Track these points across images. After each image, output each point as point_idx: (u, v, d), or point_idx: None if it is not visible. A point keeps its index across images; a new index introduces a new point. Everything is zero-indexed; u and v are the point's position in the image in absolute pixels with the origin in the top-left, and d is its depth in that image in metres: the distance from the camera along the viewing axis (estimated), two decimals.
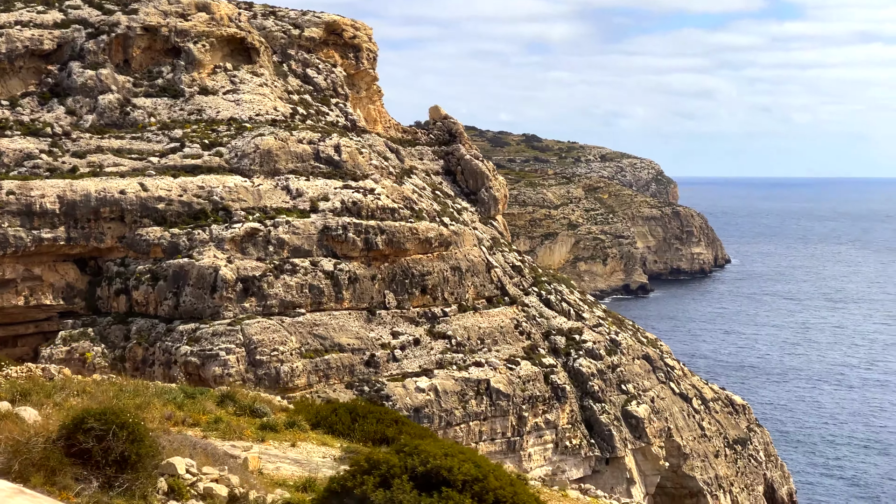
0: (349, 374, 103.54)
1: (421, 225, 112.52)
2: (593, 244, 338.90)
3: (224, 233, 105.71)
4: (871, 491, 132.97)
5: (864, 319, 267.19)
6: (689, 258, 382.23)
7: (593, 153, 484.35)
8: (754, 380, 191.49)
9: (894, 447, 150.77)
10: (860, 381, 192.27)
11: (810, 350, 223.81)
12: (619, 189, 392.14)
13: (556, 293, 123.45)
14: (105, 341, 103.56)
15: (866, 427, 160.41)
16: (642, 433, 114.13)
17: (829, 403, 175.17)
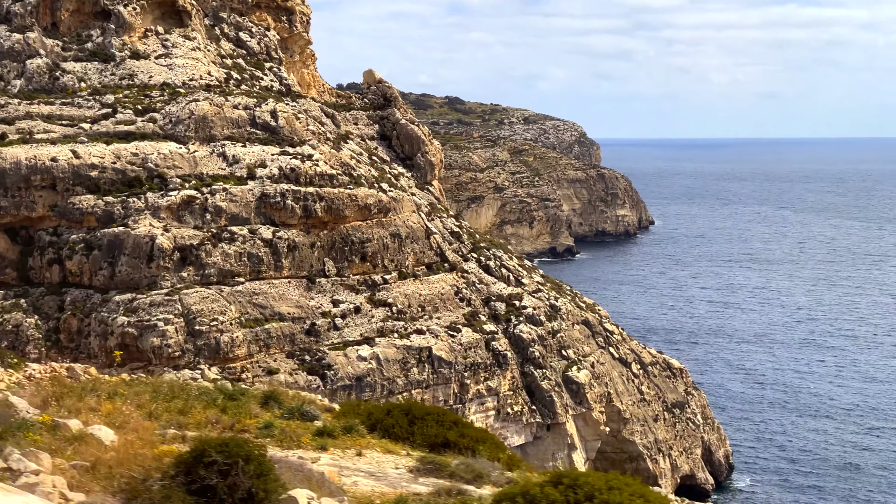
0: (290, 343, 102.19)
1: (360, 191, 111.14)
2: (519, 207, 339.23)
3: (160, 200, 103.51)
4: (798, 450, 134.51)
5: (788, 280, 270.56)
6: (613, 220, 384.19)
7: (516, 115, 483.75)
8: (683, 343, 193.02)
9: (819, 406, 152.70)
10: (786, 342, 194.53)
11: (736, 312, 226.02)
12: (545, 152, 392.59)
13: (495, 259, 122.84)
14: (38, 312, 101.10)
15: (791, 388, 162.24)
16: (583, 399, 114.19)
17: (757, 365, 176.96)
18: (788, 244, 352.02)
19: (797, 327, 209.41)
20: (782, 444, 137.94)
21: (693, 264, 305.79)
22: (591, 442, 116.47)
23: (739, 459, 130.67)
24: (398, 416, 28.74)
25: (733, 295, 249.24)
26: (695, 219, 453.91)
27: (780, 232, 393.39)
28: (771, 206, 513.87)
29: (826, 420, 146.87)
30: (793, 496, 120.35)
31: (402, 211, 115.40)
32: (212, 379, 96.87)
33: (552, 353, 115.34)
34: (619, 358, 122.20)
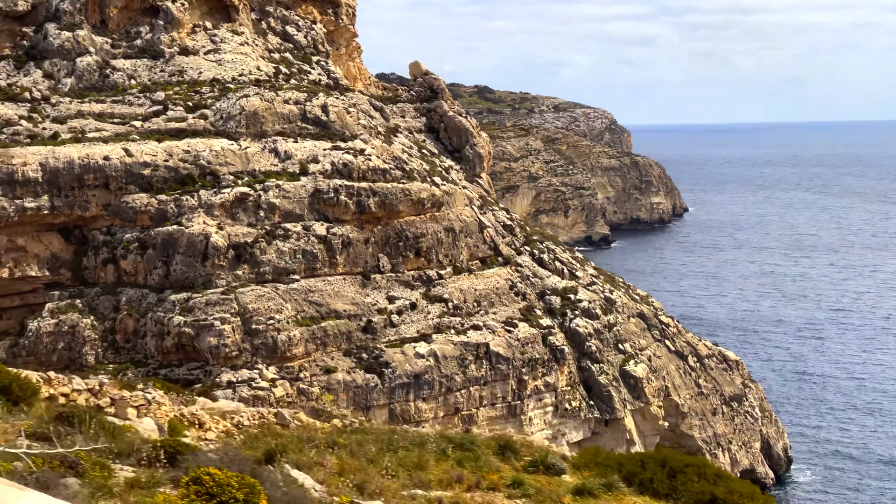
0: (346, 341, 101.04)
1: (413, 186, 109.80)
2: (554, 196, 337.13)
3: (213, 198, 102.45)
4: (856, 443, 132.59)
5: (830, 268, 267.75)
6: (648, 208, 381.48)
7: (546, 103, 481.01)
8: (726, 334, 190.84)
9: (872, 398, 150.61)
10: (834, 332, 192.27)
11: (780, 302, 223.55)
12: (577, 140, 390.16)
13: (548, 252, 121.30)
14: (94, 313, 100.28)
15: (842, 380, 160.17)
16: (641, 393, 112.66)
17: (806, 356, 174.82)
18: (828, 231, 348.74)
19: (845, 317, 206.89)
20: (839, 437, 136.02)
21: (731, 252, 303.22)
22: (649, 437, 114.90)
23: (798, 452, 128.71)
24: (654, 468, 26.84)
25: (775, 284, 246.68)
26: (728, 205, 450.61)
27: (818, 218, 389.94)
28: (805, 192, 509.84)
29: (879, 412, 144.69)
30: (854, 490, 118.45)
31: (455, 205, 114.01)
32: (270, 379, 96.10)
33: (609, 347, 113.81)
34: (676, 351, 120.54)
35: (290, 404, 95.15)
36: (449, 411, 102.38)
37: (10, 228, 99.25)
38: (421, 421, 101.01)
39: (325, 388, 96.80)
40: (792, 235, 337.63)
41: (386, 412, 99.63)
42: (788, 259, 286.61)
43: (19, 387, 18.53)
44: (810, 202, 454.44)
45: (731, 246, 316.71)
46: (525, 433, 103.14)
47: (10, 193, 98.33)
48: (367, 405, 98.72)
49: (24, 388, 18.70)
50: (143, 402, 24.29)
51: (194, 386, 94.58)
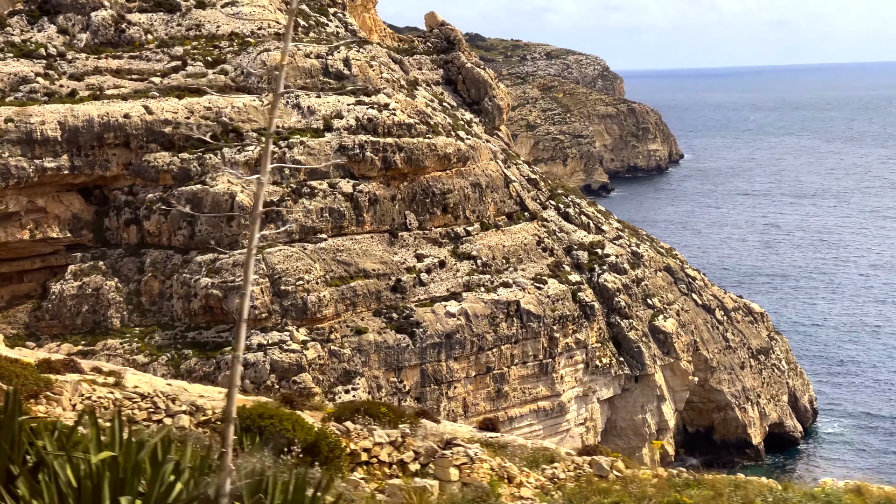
0: (376, 300, 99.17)
1: (439, 140, 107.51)
2: (552, 145, 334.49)
3: (237, 156, 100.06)
4: (878, 392, 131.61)
5: (832, 214, 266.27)
6: (645, 155, 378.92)
7: (538, 51, 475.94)
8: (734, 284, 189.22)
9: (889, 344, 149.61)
10: (844, 280, 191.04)
11: (786, 250, 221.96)
12: (573, 88, 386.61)
13: (574, 206, 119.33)
14: (118, 275, 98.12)
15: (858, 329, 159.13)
16: (670, 348, 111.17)
17: (819, 305, 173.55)
18: (825, 176, 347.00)
19: (853, 264, 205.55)
20: (860, 387, 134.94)
21: (730, 199, 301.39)
22: (679, 392, 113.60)
23: (823, 403, 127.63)
24: None
25: (778, 231, 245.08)
26: (722, 151, 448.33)
27: (814, 163, 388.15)
28: (798, 136, 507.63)
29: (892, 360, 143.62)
30: (882, 441, 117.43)
31: (481, 159, 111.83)
32: (301, 341, 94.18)
33: (637, 303, 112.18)
34: (703, 304, 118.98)
35: (321, 367, 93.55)
36: (480, 371, 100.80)
37: (29, 189, 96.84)
38: (452, 381, 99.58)
39: (356, 349, 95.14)
40: (789, 181, 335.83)
41: (418, 373, 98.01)
42: (789, 205, 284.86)
43: (328, 446, 16.55)
44: (805, 147, 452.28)
45: (731, 193, 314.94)
46: (557, 391, 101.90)
47: (30, 153, 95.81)
48: (398, 366, 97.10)
49: (332, 447, 16.67)
50: (466, 460, 21.44)
51: (224, 349, 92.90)
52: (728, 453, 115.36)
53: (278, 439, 15.50)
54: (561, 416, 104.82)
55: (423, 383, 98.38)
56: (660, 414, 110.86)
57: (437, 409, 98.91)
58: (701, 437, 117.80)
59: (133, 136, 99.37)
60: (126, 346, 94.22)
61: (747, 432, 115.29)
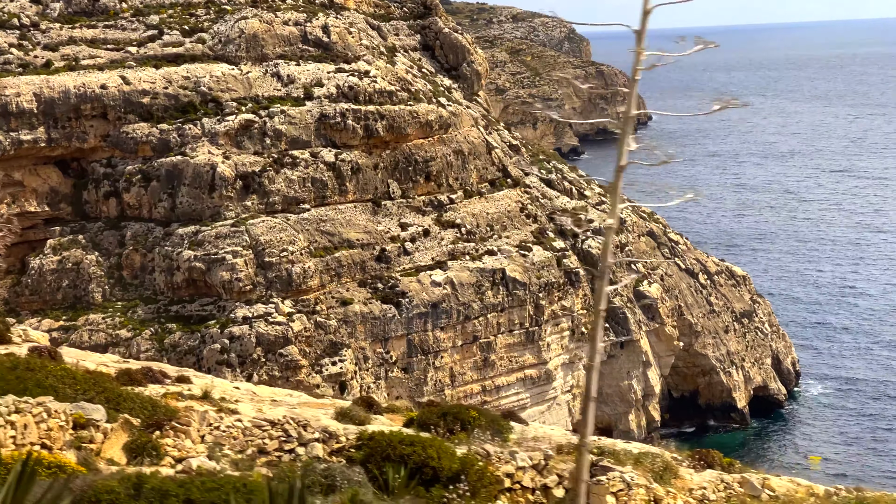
0: (361, 271, 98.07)
1: (420, 107, 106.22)
2: (522, 109, 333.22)
3: (217, 126, 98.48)
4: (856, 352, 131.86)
5: (805, 174, 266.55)
6: (614, 118, 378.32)
7: (504, 14, 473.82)
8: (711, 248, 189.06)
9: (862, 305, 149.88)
10: (817, 238, 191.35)
11: (761, 211, 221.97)
12: (542, 51, 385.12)
13: (556, 171, 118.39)
14: (98, 249, 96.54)
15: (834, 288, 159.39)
16: (655, 314, 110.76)
17: (794, 265, 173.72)
18: (793, 136, 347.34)
19: (826, 225, 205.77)
20: (840, 348, 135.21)
21: (702, 162, 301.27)
22: (664, 358, 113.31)
23: (805, 364, 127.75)
24: None
25: (753, 192, 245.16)
26: (690, 112, 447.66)
27: (781, 123, 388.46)
28: (766, 97, 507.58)
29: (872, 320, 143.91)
30: (865, 402, 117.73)
31: (462, 126, 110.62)
32: (286, 313, 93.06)
33: (622, 268, 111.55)
34: (686, 269, 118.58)
35: (308, 339, 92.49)
36: (467, 340, 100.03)
37: (6, 162, 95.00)
38: (439, 351, 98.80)
39: (342, 320, 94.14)
40: (760, 142, 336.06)
41: (404, 343, 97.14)
42: (760, 167, 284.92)
43: (476, 474, 15.45)
44: (772, 107, 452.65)
45: (702, 154, 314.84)
46: (544, 359, 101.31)
47: (5, 126, 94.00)
48: (384, 337, 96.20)
49: (480, 475, 15.59)
50: (622, 487, 19.93)
51: (208, 322, 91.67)
52: (713, 418, 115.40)
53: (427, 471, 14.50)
54: (548, 384, 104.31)
55: (409, 353, 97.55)
56: (646, 380, 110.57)
57: (424, 380, 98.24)
58: (686, 402, 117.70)
59: (110, 107, 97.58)
60: (108, 320, 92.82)
61: (732, 396, 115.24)
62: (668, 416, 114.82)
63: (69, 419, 14.08)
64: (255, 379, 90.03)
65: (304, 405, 21.86)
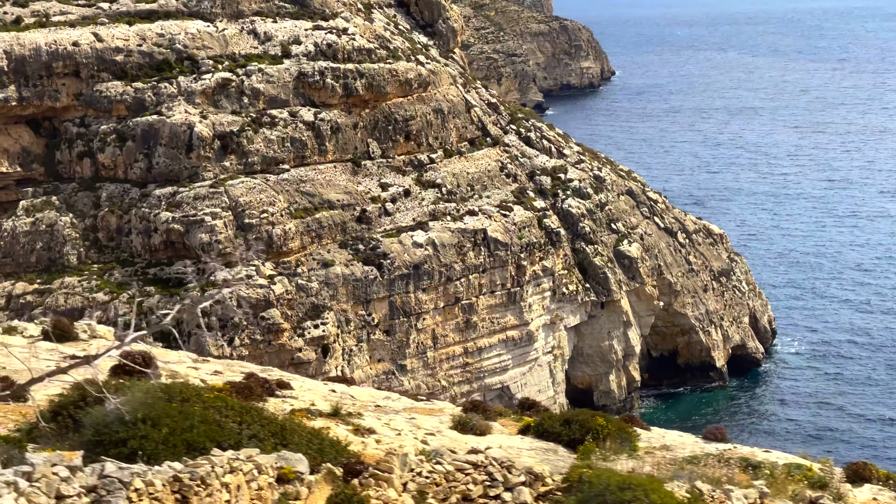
0: (342, 232, 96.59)
1: (400, 66, 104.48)
2: (487, 64, 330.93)
3: (193, 85, 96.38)
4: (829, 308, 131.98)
5: (770, 130, 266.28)
6: (578, 73, 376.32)
7: None
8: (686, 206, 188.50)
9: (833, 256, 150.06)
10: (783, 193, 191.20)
11: (727, 167, 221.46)
12: (505, 6, 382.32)
13: (535, 130, 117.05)
14: (72, 210, 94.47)
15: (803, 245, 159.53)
16: (635, 273, 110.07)
17: (761, 220, 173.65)
18: (756, 92, 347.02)
19: (792, 181, 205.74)
20: (812, 305, 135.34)
21: (666, 117, 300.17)
22: (644, 318, 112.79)
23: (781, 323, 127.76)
24: None
25: (718, 148, 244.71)
26: (652, 67, 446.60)
27: (744, 79, 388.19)
28: (725, 51, 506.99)
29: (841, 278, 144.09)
30: (844, 360, 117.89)
31: (441, 84, 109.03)
32: (267, 276, 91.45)
33: (602, 228, 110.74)
34: (665, 227, 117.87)
35: (289, 301, 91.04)
36: (449, 301, 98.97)
37: None
38: (421, 313, 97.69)
39: (323, 282, 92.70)
40: (723, 97, 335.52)
41: (386, 305, 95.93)
42: (724, 124, 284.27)
43: None
44: (732, 62, 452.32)
45: (667, 111, 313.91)
46: (526, 320, 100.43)
47: None
48: (366, 299, 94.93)
49: None
50: None
51: (187, 285, 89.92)
52: (692, 377, 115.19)
53: None
54: (529, 346, 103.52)
55: (391, 316, 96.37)
56: (626, 340, 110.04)
57: (406, 342, 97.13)
58: (665, 361, 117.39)
59: (83, 65, 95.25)
60: (84, 283, 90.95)
61: (711, 355, 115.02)
62: (647, 376, 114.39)
63: (275, 473, 12.80)
64: (237, 342, 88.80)
65: (411, 410, 20.54)
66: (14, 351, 18.94)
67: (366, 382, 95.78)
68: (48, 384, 16.74)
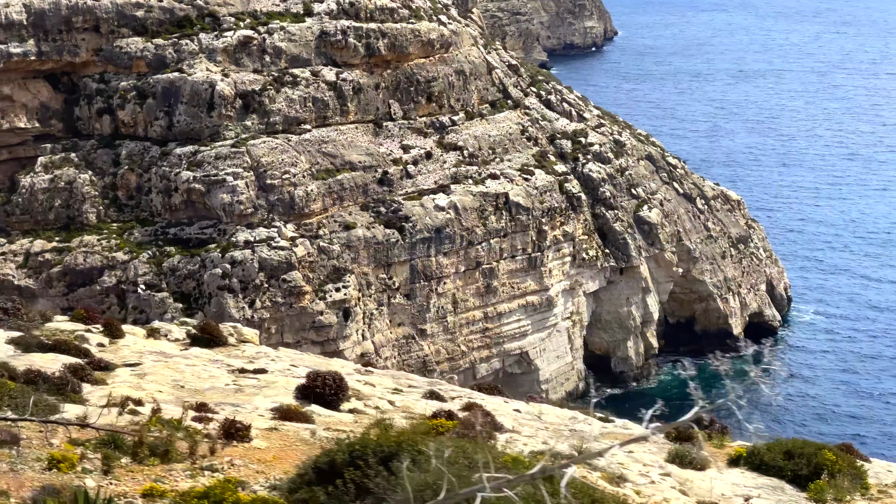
0: (363, 194, 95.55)
1: (422, 26, 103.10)
2: (491, 22, 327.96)
3: (215, 42, 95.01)
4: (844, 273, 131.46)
5: (779, 93, 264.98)
6: (582, 33, 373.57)
7: None
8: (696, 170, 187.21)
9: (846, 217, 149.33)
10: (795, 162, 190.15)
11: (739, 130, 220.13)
12: None
13: (555, 93, 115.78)
14: (91, 167, 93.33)
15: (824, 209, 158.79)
16: (655, 239, 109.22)
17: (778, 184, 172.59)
18: (762, 54, 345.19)
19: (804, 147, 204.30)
20: (826, 272, 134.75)
21: (671, 79, 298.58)
22: (663, 284, 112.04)
23: (796, 291, 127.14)
24: None
25: (731, 112, 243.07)
26: (655, 28, 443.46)
27: (748, 41, 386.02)
28: (729, 12, 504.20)
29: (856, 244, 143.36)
30: (856, 326, 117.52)
31: (463, 45, 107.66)
32: (289, 238, 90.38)
33: (622, 193, 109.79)
34: (684, 193, 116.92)
35: (311, 264, 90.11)
36: (470, 266, 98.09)
37: None
38: (442, 277, 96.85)
39: (345, 244, 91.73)
40: (730, 60, 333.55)
41: (407, 269, 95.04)
42: (733, 86, 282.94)
43: None
44: (738, 24, 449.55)
45: (672, 73, 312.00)
46: (546, 285, 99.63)
47: None
48: (387, 262, 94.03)
49: None
50: None
51: (208, 246, 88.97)
52: (709, 344, 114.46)
53: None
54: (549, 311, 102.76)
55: (412, 279, 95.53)
56: (645, 306, 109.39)
57: (426, 307, 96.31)
58: (682, 328, 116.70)
59: (103, 20, 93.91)
60: (104, 242, 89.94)
61: (728, 322, 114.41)
62: (664, 343, 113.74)
63: None
64: (258, 305, 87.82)
65: (609, 436, 19.35)
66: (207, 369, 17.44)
67: (385, 346, 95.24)
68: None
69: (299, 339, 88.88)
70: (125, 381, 15.86)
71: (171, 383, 16.21)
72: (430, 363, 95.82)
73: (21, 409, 11.75)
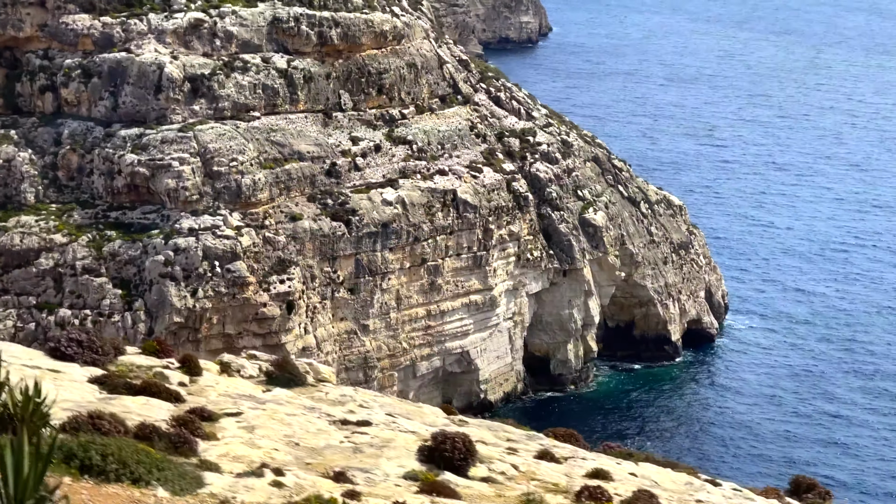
0: (310, 185, 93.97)
1: (376, 16, 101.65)
2: None
3: (165, 23, 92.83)
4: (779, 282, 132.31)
5: (712, 99, 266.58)
6: (517, 27, 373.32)
7: None
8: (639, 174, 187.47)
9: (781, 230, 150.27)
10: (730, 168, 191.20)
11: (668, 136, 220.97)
12: None
13: (504, 90, 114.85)
14: (31, 146, 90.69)
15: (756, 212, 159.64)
16: (599, 242, 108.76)
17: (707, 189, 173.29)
18: (694, 58, 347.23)
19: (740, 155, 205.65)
20: (761, 280, 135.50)
21: (606, 79, 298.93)
22: (605, 287, 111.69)
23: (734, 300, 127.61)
24: None
25: (658, 115, 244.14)
26: (589, 26, 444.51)
27: (681, 44, 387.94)
28: (661, 15, 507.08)
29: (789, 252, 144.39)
30: (791, 338, 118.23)
31: (415, 38, 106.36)
32: (234, 227, 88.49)
33: (568, 194, 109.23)
34: (629, 197, 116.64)
35: (256, 254, 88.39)
36: (415, 262, 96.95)
37: None
38: (387, 273, 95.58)
39: (291, 236, 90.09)
40: (662, 64, 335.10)
41: (352, 263, 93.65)
42: (664, 91, 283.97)
43: None
44: (670, 27, 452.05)
45: (603, 73, 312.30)
46: (489, 285, 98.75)
47: None
48: (333, 255, 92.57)
49: None
50: None
51: (150, 232, 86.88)
52: (647, 349, 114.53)
53: None
54: (491, 311, 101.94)
55: (357, 274, 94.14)
56: (586, 309, 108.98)
57: (370, 302, 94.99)
58: (621, 332, 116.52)
59: None
60: (42, 223, 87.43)
61: (667, 328, 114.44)
62: (602, 347, 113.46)
63: None
64: (200, 294, 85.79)
65: (670, 491, 18.16)
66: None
67: (327, 341, 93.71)
68: None
69: (241, 331, 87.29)
70: (235, 436, 14.47)
71: (283, 439, 14.85)
72: (370, 360, 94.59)
73: (171, 484, 10.36)
